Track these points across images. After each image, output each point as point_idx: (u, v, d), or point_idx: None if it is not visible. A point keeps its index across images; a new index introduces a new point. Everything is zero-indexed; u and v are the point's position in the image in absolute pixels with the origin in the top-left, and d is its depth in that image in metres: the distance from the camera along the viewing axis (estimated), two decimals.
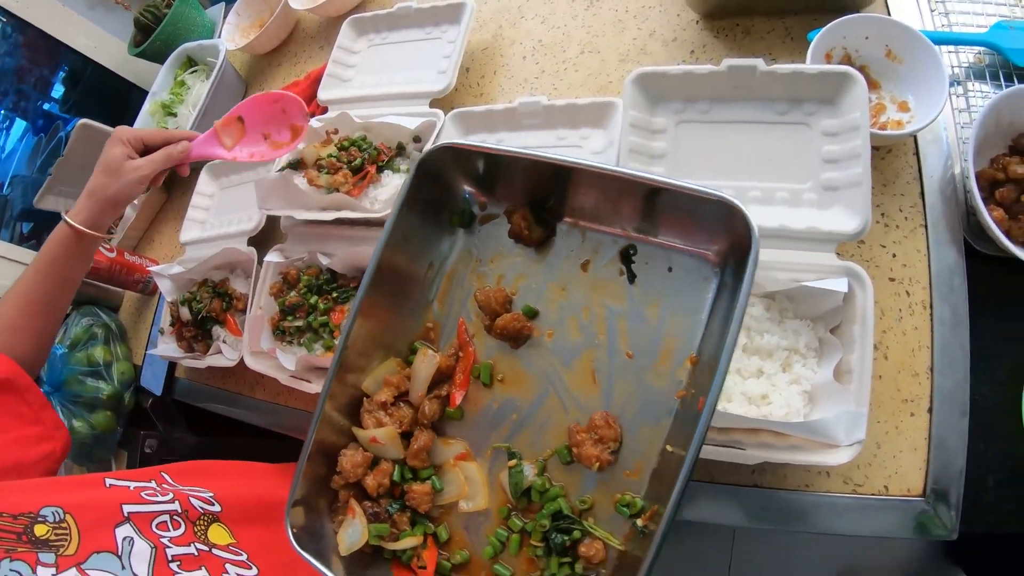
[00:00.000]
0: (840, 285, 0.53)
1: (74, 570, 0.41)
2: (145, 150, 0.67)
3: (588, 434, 0.47)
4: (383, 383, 0.52)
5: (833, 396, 0.52)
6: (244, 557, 0.52)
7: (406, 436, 0.52)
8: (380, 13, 0.87)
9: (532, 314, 0.53)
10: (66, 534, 0.44)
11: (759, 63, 0.57)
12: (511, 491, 0.48)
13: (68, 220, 0.65)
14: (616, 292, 0.51)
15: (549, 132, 0.70)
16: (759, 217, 0.57)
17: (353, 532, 0.48)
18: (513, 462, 0.49)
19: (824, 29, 0.63)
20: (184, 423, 0.98)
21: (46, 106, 1.18)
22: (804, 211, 0.58)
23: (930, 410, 0.58)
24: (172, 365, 0.95)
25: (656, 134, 0.61)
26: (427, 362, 0.51)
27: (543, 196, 0.53)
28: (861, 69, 0.67)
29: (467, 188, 0.56)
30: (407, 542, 0.48)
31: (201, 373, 0.90)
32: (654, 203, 0.49)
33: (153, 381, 0.94)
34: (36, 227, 1.17)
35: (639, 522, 0.44)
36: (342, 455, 0.50)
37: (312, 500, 0.51)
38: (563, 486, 0.48)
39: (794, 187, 0.58)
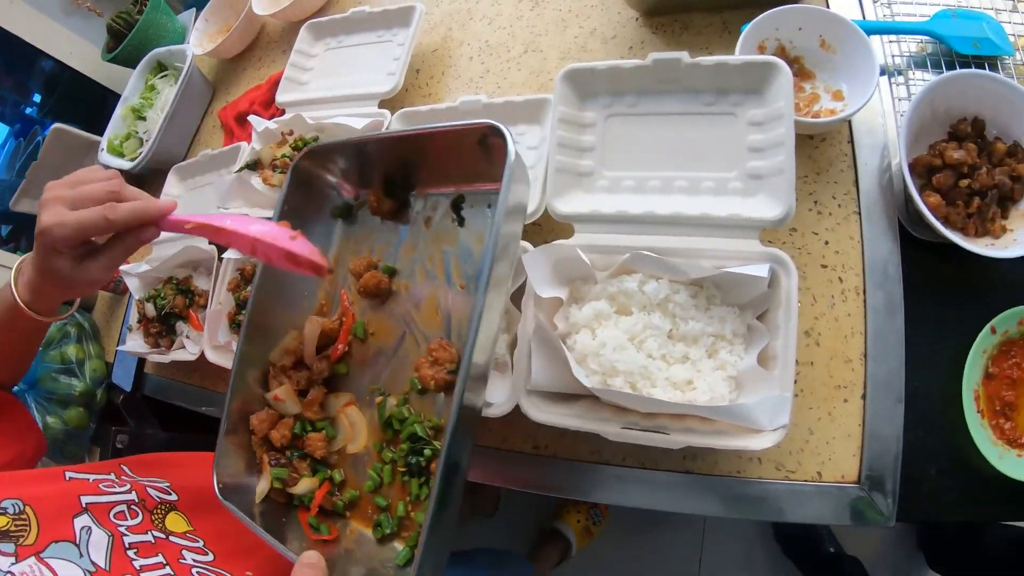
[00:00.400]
0: (761, 271, 0.54)
1: (33, 559, 0.43)
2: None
3: (426, 358, 0.53)
4: (284, 352, 0.59)
5: (758, 381, 0.53)
6: (201, 544, 0.53)
7: (305, 394, 0.58)
8: (336, 17, 0.89)
9: (391, 272, 0.59)
10: (26, 525, 0.45)
11: (683, 56, 0.58)
12: (379, 423, 0.54)
13: (18, 299, 0.52)
14: (450, 237, 0.58)
15: None
16: (684, 207, 0.59)
17: (264, 481, 0.54)
18: (379, 399, 0.55)
19: (754, 21, 0.64)
20: (154, 419, 1.00)
21: (28, 111, 1.22)
22: (729, 199, 0.58)
23: (864, 397, 0.58)
24: (141, 362, 0.97)
25: (585, 128, 0.62)
26: (312, 327, 0.58)
27: (392, 173, 0.60)
28: (795, 60, 0.68)
29: (335, 182, 0.63)
30: (304, 485, 0.54)
31: (167, 368, 0.93)
32: (467, 155, 0.54)
33: (123, 378, 0.96)
34: (15, 229, 1.20)
35: None
36: (253, 416, 0.56)
37: (240, 462, 0.56)
38: (419, 413, 0.53)
39: (720, 176, 0.59)
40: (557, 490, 0.64)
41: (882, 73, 0.65)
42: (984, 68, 0.65)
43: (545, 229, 0.70)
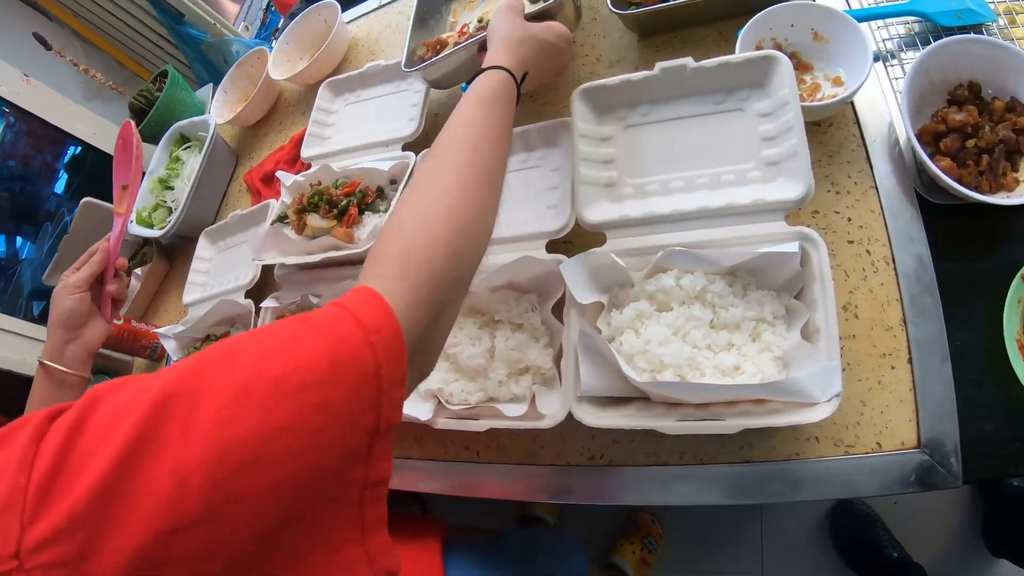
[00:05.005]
0: (792, 247, 0.59)
1: None
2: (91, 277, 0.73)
3: None
4: None
5: (805, 356, 0.57)
6: None
7: None
8: (353, 74, 1.00)
9: None
10: None
11: (688, 61, 0.66)
12: None
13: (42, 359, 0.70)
14: None
15: (512, 157, 0.79)
16: (708, 200, 0.65)
17: None
18: None
19: (747, 24, 0.72)
20: None
21: (55, 191, 1.32)
22: (750, 188, 0.64)
23: (910, 361, 0.60)
24: None
25: (604, 141, 0.70)
26: None
27: None
28: (793, 55, 0.75)
29: None
30: None
31: None
32: None
33: None
34: (48, 307, 1.28)
35: None
36: None
37: None
38: None
39: (738, 168, 0.65)
40: (618, 499, 0.67)
41: (876, 59, 0.72)
42: None
43: (575, 245, 0.75)
